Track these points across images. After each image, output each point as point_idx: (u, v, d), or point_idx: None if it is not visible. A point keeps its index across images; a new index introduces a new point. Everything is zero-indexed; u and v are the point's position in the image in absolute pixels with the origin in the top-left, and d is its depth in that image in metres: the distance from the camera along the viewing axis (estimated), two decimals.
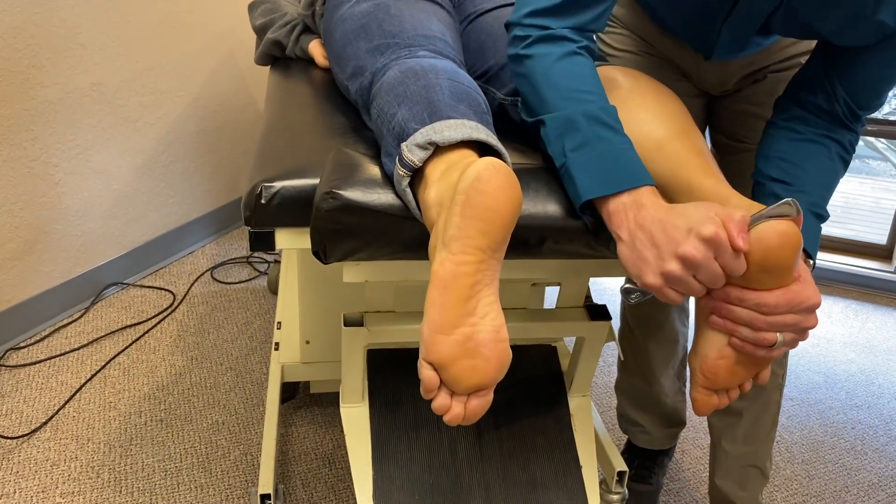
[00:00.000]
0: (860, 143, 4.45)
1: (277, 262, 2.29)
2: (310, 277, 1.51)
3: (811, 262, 0.86)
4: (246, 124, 2.64)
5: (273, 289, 2.26)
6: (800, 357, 2.11)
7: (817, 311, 2.33)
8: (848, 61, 0.90)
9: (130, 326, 2.05)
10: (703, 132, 1.27)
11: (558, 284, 1.04)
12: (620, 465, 1.29)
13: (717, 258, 0.70)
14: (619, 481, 1.30)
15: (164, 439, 1.63)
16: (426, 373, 0.65)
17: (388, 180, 0.82)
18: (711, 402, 0.81)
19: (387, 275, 0.90)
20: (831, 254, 2.62)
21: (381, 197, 0.80)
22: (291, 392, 1.77)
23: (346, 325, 0.99)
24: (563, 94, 0.82)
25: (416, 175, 0.77)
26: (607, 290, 2.44)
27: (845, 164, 0.94)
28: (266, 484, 1.27)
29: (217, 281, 2.32)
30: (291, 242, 0.92)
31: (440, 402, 0.66)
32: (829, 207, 3.24)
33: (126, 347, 1.95)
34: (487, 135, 0.74)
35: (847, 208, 3.33)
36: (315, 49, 1.36)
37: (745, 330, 0.75)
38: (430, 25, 1.07)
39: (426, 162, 0.74)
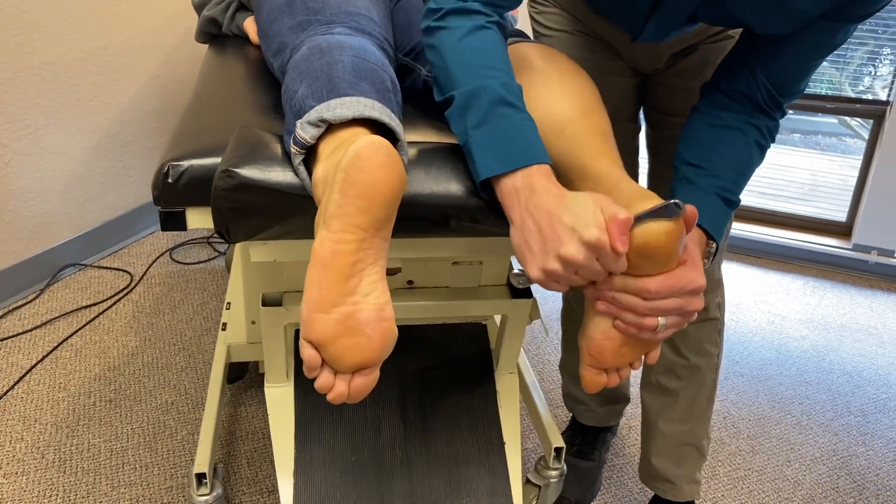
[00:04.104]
0: (833, 121, 4.46)
1: None
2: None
3: (714, 243, 0.87)
4: None
5: (230, 269, 2.26)
6: (753, 334, 2.13)
7: (784, 291, 2.35)
8: (769, 49, 0.91)
9: (85, 308, 2.04)
10: (637, 111, 1.27)
11: (480, 263, 1.04)
12: (558, 441, 1.30)
13: (599, 259, 0.71)
14: (557, 457, 1.31)
15: (111, 419, 1.63)
16: (307, 352, 0.65)
17: (289, 158, 0.82)
18: (600, 381, 0.82)
19: (295, 254, 0.90)
20: (791, 231, 2.64)
21: (280, 175, 0.80)
22: (240, 372, 1.77)
23: (264, 304, 0.99)
24: (469, 70, 0.82)
25: (312, 153, 0.77)
26: None
27: (762, 150, 0.95)
28: (202, 463, 1.27)
29: (176, 262, 2.31)
30: (203, 222, 0.91)
31: (323, 380, 0.66)
32: (792, 185, 3.26)
33: (79, 328, 1.95)
34: (381, 112, 0.74)
35: (815, 186, 3.35)
36: (249, 26, 1.35)
37: (627, 314, 0.76)
38: (355, 2, 1.06)
39: (319, 139, 0.74)
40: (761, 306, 2.29)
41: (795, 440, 1.71)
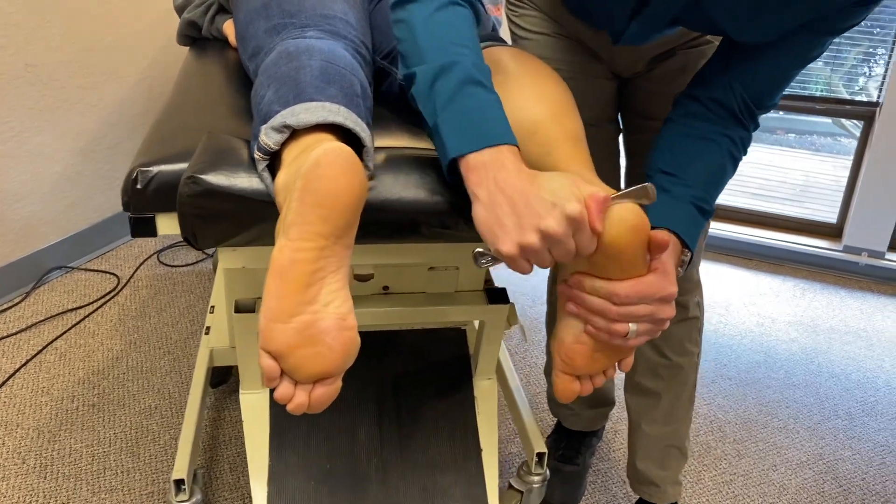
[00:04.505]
0: (828, 121, 4.45)
1: None
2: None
3: (688, 252, 0.86)
4: None
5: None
6: (742, 336, 2.12)
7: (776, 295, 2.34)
8: (748, 59, 0.91)
9: (71, 311, 2.03)
10: (617, 113, 1.26)
11: (456, 268, 1.03)
12: (540, 446, 1.29)
13: (575, 235, 0.69)
14: (539, 463, 1.30)
15: (94, 424, 1.62)
16: (265, 362, 0.65)
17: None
18: (573, 388, 0.81)
19: (265, 260, 0.89)
20: (781, 232, 2.63)
21: (245, 181, 0.79)
22: (224, 376, 1.76)
23: (237, 311, 0.98)
24: (440, 45, 0.79)
25: (277, 159, 0.76)
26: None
27: (735, 161, 0.95)
28: (181, 469, 1.26)
29: (163, 264, 2.30)
30: (173, 228, 0.90)
31: (282, 391, 0.66)
32: (784, 186, 3.25)
33: (65, 332, 1.94)
34: (346, 118, 0.73)
35: (806, 187, 3.34)
36: (228, 29, 1.34)
37: (598, 319, 0.75)
38: (332, 5, 1.06)
39: (283, 145, 0.73)
40: (750, 308, 2.28)
41: (782, 444, 1.70)
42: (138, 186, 0.86)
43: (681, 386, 1.33)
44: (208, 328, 1.63)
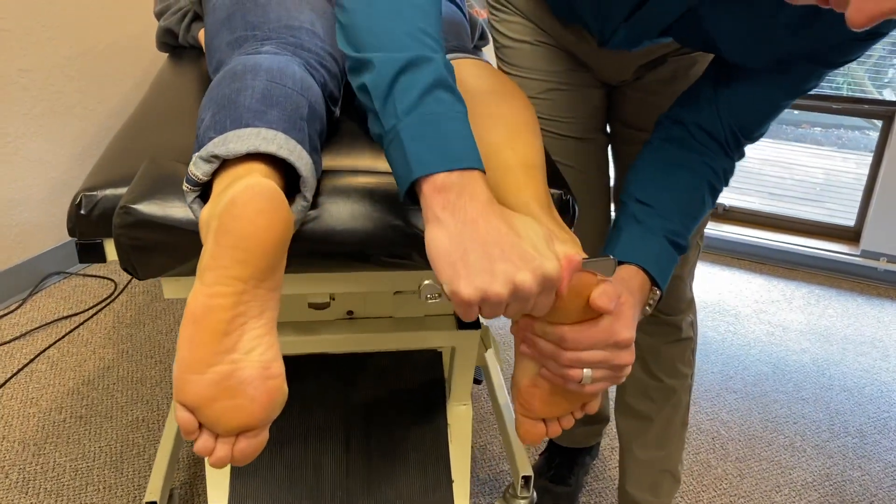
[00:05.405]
0: (852, 119, 4.32)
1: None
2: None
3: (658, 291, 0.80)
4: None
5: None
6: (750, 346, 2.04)
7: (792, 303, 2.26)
8: (739, 83, 0.85)
9: (66, 318, 2.02)
10: (604, 123, 1.20)
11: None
12: (526, 469, 1.24)
13: (538, 294, 0.63)
14: (525, 486, 1.25)
15: (80, 437, 1.60)
16: (180, 414, 0.60)
17: None
18: (536, 431, 0.76)
19: None
20: (796, 236, 2.54)
21: (181, 212, 0.75)
22: None
23: None
24: (405, 30, 0.65)
25: (210, 190, 0.71)
26: None
27: (715, 194, 0.89)
28: (154, 491, 1.23)
29: None
30: None
31: (201, 444, 0.61)
32: (803, 185, 3.15)
33: (58, 340, 1.93)
34: (280, 146, 0.68)
35: (826, 186, 3.23)
36: (203, 38, 1.30)
37: (550, 363, 0.70)
38: (298, 15, 1.01)
39: (215, 175, 0.69)
40: (761, 316, 2.20)
41: (787, 463, 1.63)
42: (82, 212, 0.83)
43: (673, 409, 1.27)
44: None
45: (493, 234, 0.61)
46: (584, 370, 0.69)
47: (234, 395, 0.60)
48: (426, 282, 0.67)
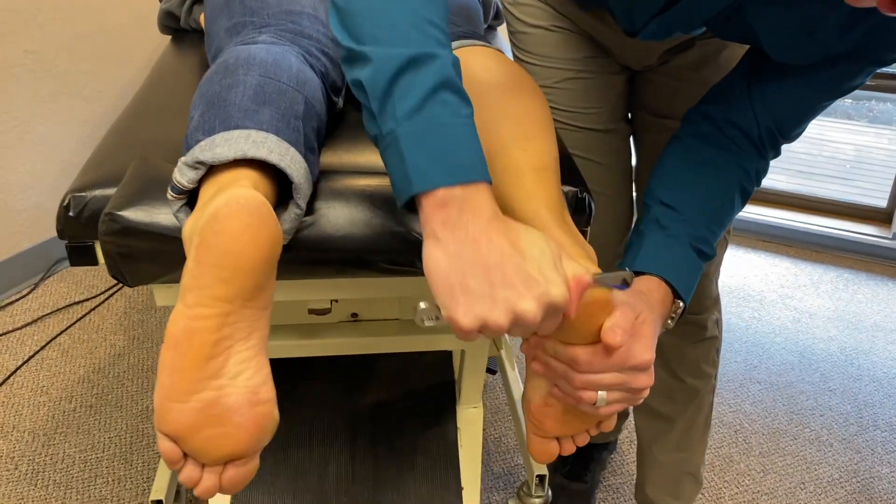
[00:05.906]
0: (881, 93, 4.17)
1: None
2: None
3: (681, 304, 0.75)
4: None
5: None
6: (776, 334, 1.98)
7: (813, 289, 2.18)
8: (777, 79, 0.78)
9: (78, 303, 2.00)
10: (626, 111, 1.14)
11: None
12: (541, 467, 1.20)
13: (544, 318, 0.57)
14: (540, 485, 1.21)
15: (90, 427, 1.59)
16: (162, 444, 0.56)
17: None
18: (548, 450, 0.72)
19: None
20: (824, 217, 2.45)
21: (170, 218, 0.70)
22: None
23: None
24: (409, 19, 0.59)
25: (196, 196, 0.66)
26: None
27: (746, 196, 0.83)
28: (160, 489, 1.21)
29: None
30: None
31: (186, 475, 0.57)
32: (833, 162, 3.04)
33: (69, 326, 1.91)
34: (271, 151, 0.63)
35: (857, 163, 3.11)
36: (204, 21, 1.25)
37: (563, 383, 0.65)
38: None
39: (202, 181, 0.64)
40: (787, 301, 2.13)
41: (813, 458, 1.57)
42: (71, 214, 0.79)
43: (696, 410, 1.22)
44: None
45: (496, 255, 0.55)
46: (599, 392, 0.64)
47: (220, 423, 0.56)
48: (422, 305, 0.61)
